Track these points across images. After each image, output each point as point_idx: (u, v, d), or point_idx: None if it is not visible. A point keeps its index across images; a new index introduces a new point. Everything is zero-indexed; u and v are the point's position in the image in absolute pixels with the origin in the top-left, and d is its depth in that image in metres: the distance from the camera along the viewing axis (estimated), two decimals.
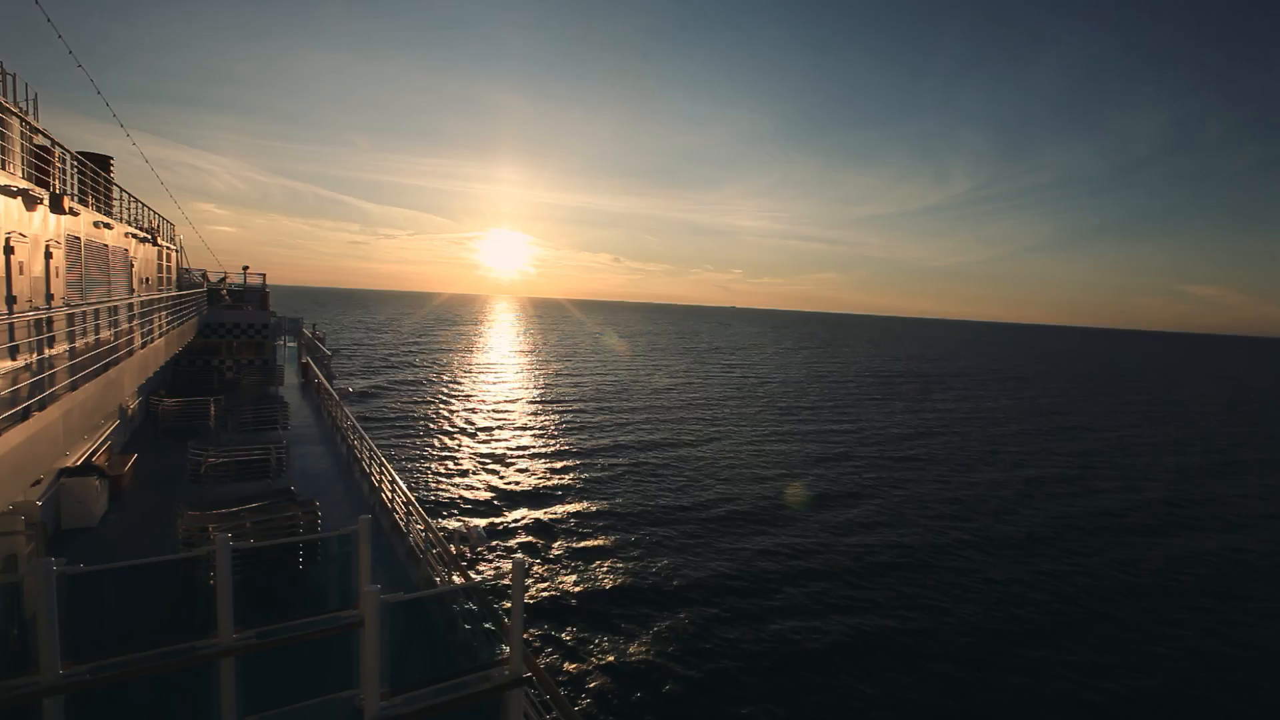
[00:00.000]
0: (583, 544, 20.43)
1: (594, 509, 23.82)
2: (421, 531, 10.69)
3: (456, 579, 9.33)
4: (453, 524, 21.69)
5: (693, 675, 13.69)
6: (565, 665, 13.82)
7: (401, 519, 11.99)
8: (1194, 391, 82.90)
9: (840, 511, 24.88)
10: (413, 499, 11.50)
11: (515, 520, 22.38)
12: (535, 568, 18.47)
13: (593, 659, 14.11)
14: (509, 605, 5.81)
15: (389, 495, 13.21)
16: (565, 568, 18.61)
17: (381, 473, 13.98)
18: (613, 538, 21.04)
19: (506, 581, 5.89)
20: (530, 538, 20.84)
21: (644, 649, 14.57)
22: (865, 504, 26.36)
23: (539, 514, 23.08)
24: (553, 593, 17.01)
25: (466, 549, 18.84)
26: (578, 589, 17.30)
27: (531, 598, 16.48)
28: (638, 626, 15.49)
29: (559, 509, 23.67)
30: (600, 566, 18.79)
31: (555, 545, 20.24)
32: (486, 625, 6.33)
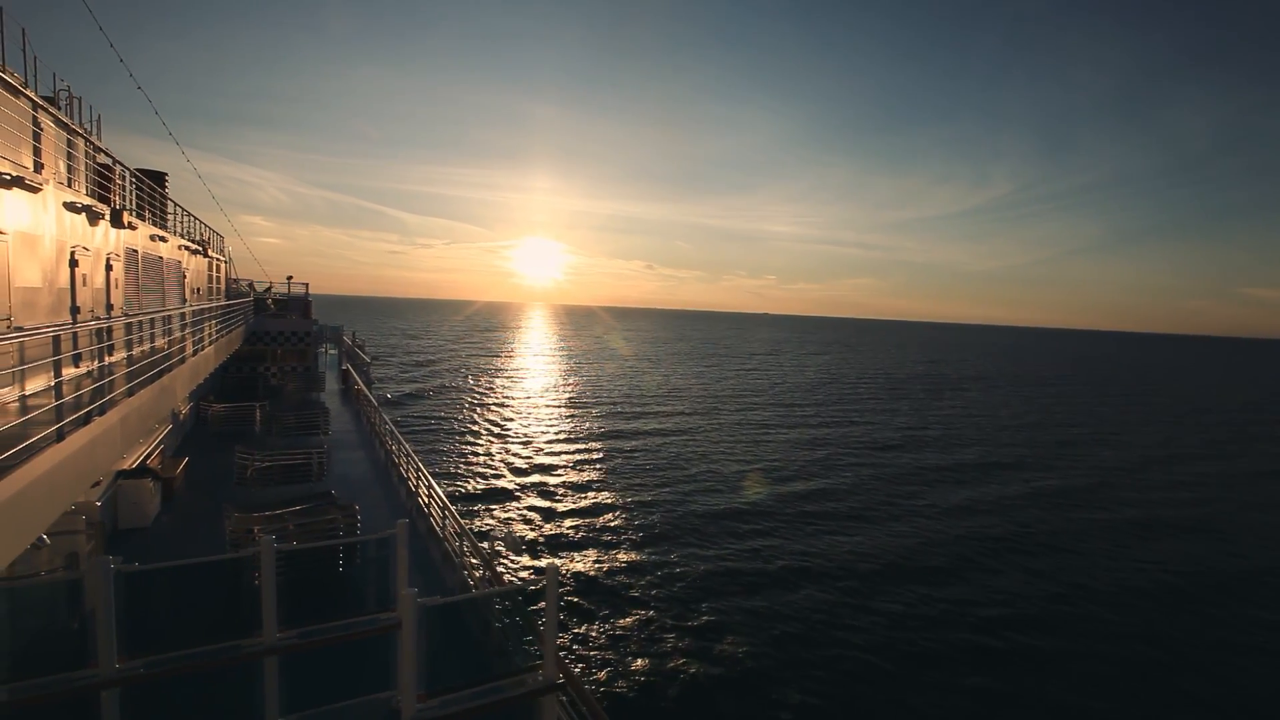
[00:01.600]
0: (617, 549, 20.43)
1: (627, 513, 23.81)
2: (456, 535, 10.85)
3: (491, 583, 9.43)
4: (487, 528, 21.94)
5: (730, 685, 13.53)
6: (599, 671, 13.81)
7: (438, 523, 12.18)
8: (1217, 394, 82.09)
9: (848, 507, 24.63)
10: (448, 503, 11.68)
11: (549, 525, 22.51)
12: (569, 573, 18.53)
13: (626, 665, 14.06)
14: (543, 610, 5.84)
15: (425, 499, 13.44)
16: (599, 573, 18.62)
17: (418, 477, 14.24)
18: (647, 542, 20.99)
19: (540, 586, 5.92)
20: (564, 542, 20.94)
21: (679, 655, 14.46)
22: (864, 491, 28.42)
23: (573, 519, 23.16)
24: (587, 598, 17.03)
25: (501, 553, 19.06)
26: (612, 594, 17.30)
27: (565, 603, 16.54)
28: (672, 632, 15.40)
29: (593, 515, 23.72)
30: (635, 571, 18.75)
31: (589, 550, 20.28)
32: (521, 630, 6.37)
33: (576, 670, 13.36)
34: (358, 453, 18.29)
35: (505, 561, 18.97)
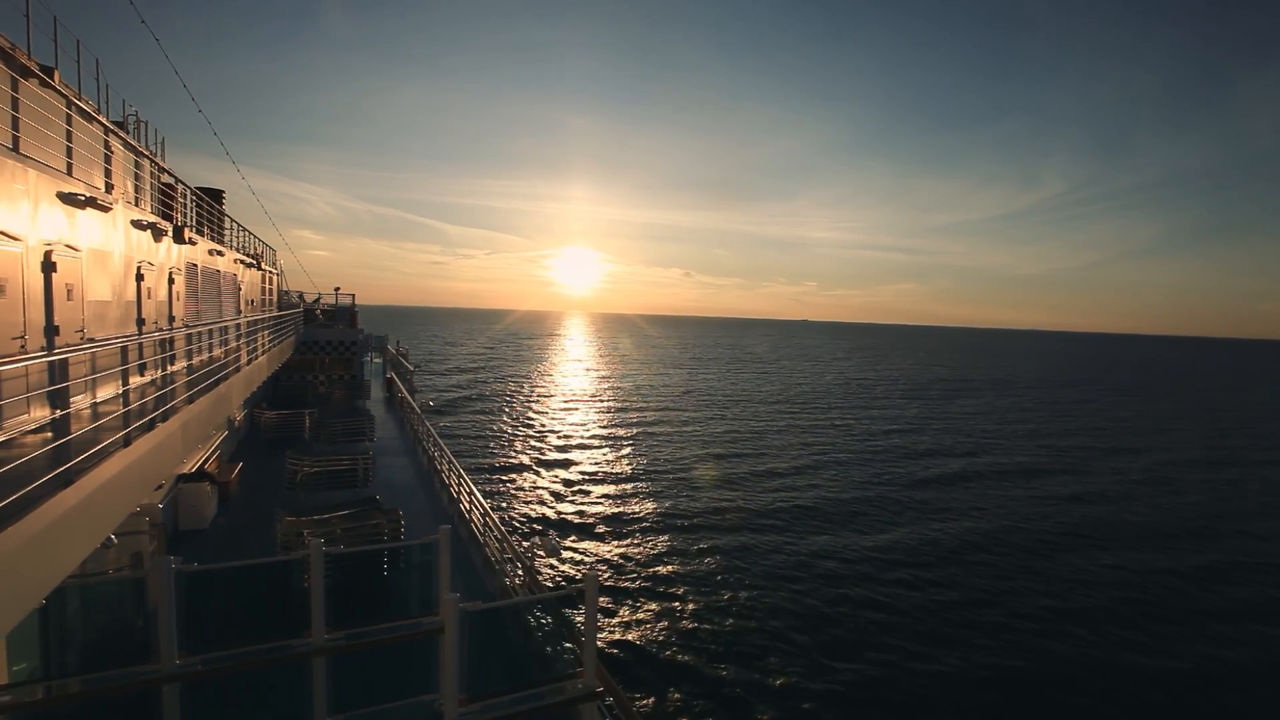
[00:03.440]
0: (658, 556, 20.34)
1: (668, 520, 23.71)
2: (497, 541, 10.97)
3: (531, 589, 9.51)
4: (527, 535, 22.15)
5: (773, 696, 13.31)
6: (640, 680, 13.74)
7: (479, 529, 12.35)
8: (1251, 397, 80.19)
9: (877, 523, 23.84)
10: (489, 510, 11.83)
11: (589, 531, 22.59)
12: (609, 580, 18.53)
13: (667, 674, 13.96)
14: (583, 618, 5.85)
15: (467, 506, 13.65)
16: (640, 580, 18.57)
17: (460, 484, 14.48)
18: (689, 549, 20.85)
19: (580, 593, 5.93)
20: (604, 549, 20.97)
21: (721, 665, 14.28)
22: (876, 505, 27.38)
23: (613, 526, 23.19)
24: (627, 605, 17.00)
25: (541, 559, 19.20)
26: (653, 602, 17.21)
27: (605, 610, 16.52)
28: (715, 642, 15.22)
29: (633, 521, 23.70)
30: (676, 579, 18.62)
31: (630, 557, 20.25)
32: (561, 637, 6.40)
33: (616, 679, 13.31)
34: (401, 459, 18.71)
35: (545, 568, 19.09)
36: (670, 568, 19.65)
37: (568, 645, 6.33)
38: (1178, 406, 67.31)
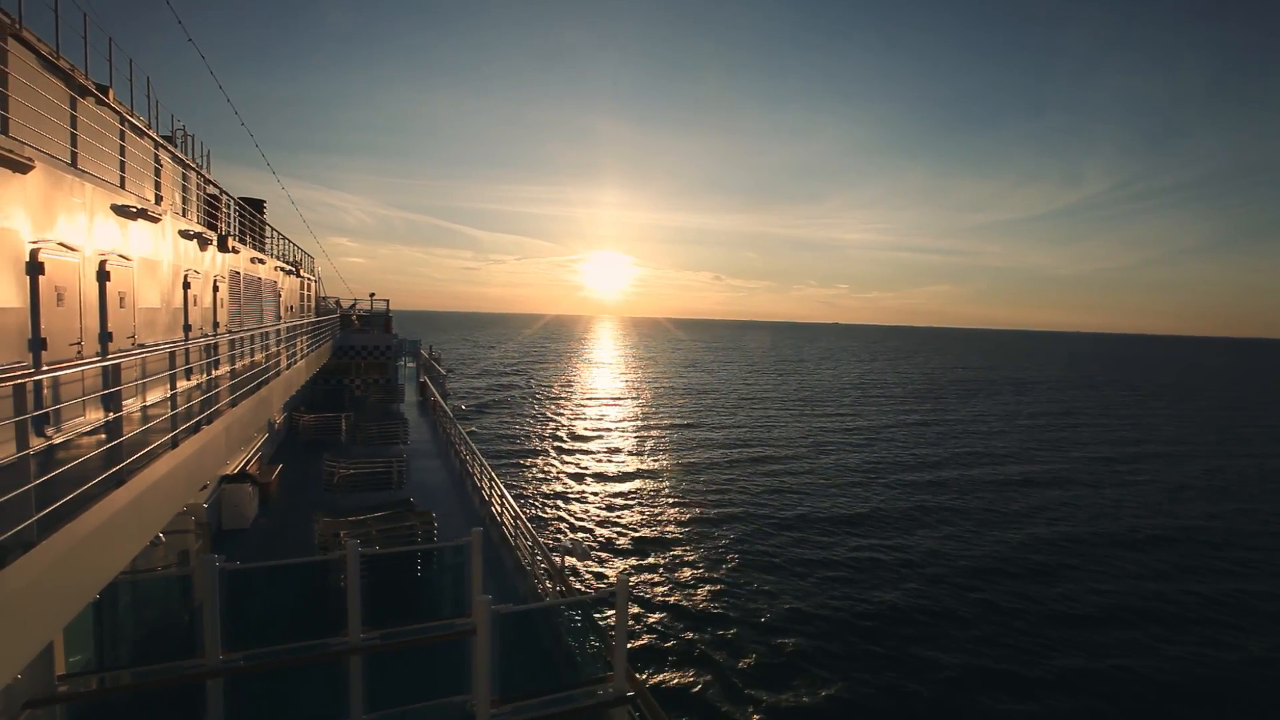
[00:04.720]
0: (688, 560, 20.25)
1: (698, 524, 23.59)
2: (528, 544, 11.06)
3: (562, 592, 9.55)
4: (558, 538, 22.26)
5: (801, 700, 13.12)
6: (669, 683, 13.69)
7: (510, 532, 12.46)
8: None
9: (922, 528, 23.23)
10: (521, 513, 11.92)
11: (619, 535, 22.60)
12: (639, 584, 18.51)
13: (697, 677, 13.87)
14: (613, 621, 5.85)
15: (498, 509, 13.78)
16: (671, 584, 18.50)
17: (491, 486, 14.63)
18: (719, 553, 20.71)
19: (611, 597, 5.92)
20: (634, 553, 20.95)
21: (752, 670, 14.14)
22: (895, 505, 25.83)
23: (643, 530, 23.17)
24: (657, 610, 16.95)
25: (572, 562, 19.27)
26: (684, 606, 17.13)
27: (635, 614, 16.49)
28: (745, 646, 15.07)
29: (663, 525, 23.65)
30: (707, 583, 18.49)
31: (660, 561, 20.20)
32: (591, 640, 6.41)
33: (647, 683, 13.27)
34: (434, 462, 19.01)
35: (576, 571, 19.16)
36: (701, 570, 19.54)
37: (598, 648, 6.34)
38: (1202, 406, 66.53)
